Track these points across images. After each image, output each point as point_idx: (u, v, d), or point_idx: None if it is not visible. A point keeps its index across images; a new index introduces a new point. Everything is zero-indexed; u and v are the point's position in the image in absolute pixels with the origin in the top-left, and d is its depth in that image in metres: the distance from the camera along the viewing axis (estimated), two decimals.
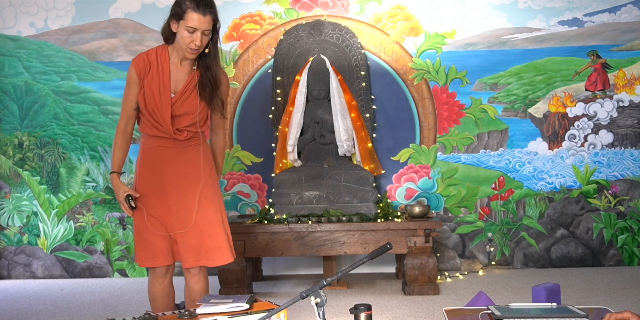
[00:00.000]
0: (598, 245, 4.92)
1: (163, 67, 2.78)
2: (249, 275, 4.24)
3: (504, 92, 4.99)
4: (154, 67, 2.77)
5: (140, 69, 2.78)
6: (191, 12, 2.66)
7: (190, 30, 2.67)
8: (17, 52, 5.09)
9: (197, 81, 2.79)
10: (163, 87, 2.77)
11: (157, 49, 2.82)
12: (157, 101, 2.77)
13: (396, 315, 3.51)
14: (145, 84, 2.77)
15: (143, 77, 2.78)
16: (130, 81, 2.81)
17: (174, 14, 2.73)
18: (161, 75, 2.77)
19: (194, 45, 2.69)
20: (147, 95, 2.77)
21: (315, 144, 4.66)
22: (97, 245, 5.02)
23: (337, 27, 4.82)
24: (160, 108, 2.77)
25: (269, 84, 4.90)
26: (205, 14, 2.66)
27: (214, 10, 2.70)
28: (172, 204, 2.83)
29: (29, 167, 5.07)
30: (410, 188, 4.96)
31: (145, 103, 2.78)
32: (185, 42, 2.70)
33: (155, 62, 2.77)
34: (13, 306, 4.05)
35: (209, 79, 2.79)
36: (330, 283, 2.07)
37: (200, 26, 2.66)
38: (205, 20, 2.66)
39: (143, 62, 2.78)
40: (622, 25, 5.00)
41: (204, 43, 2.71)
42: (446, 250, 4.95)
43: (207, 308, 2.51)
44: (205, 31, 2.68)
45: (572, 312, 2.15)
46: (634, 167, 4.94)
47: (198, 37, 2.68)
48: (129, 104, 2.83)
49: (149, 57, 2.79)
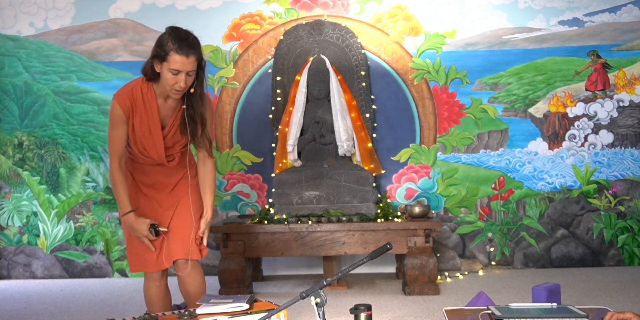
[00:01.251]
0: (598, 245, 4.92)
1: (151, 105, 2.73)
2: (249, 275, 4.23)
3: (504, 92, 4.99)
4: (140, 106, 2.72)
5: (126, 108, 2.72)
6: (174, 55, 2.58)
7: (174, 73, 2.60)
8: (17, 52, 5.09)
9: (180, 119, 2.76)
10: (154, 124, 2.74)
11: (141, 86, 2.74)
12: (147, 138, 2.75)
13: (396, 315, 3.51)
14: (135, 123, 2.73)
15: (129, 115, 2.73)
16: (116, 120, 2.74)
17: (155, 56, 2.64)
18: (150, 114, 2.73)
19: (179, 87, 2.63)
20: (138, 134, 2.75)
21: (315, 144, 4.66)
22: (97, 245, 5.02)
23: (337, 27, 4.82)
24: (152, 144, 2.77)
25: (269, 84, 4.90)
26: (188, 56, 2.59)
27: (197, 51, 2.63)
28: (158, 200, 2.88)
29: (28, 167, 5.07)
30: (410, 188, 4.96)
31: (136, 141, 2.77)
32: (169, 83, 2.63)
33: (141, 100, 2.72)
34: (13, 306, 4.05)
35: (193, 118, 2.74)
36: (330, 283, 2.07)
37: (184, 68, 2.59)
38: (188, 62, 2.59)
39: (129, 101, 2.72)
40: (622, 25, 4.99)
41: (189, 83, 2.65)
42: (446, 250, 4.95)
43: (207, 308, 2.51)
44: (190, 72, 2.62)
45: (572, 312, 2.15)
46: (634, 167, 4.94)
47: (182, 79, 2.61)
48: (118, 142, 2.77)
49: (134, 95, 2.72)
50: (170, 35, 2.63)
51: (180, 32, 2.66)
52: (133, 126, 2.74)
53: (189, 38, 2.64)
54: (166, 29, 2.69)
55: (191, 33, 2.70)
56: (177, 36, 2.62)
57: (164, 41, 2.62)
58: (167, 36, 2.63)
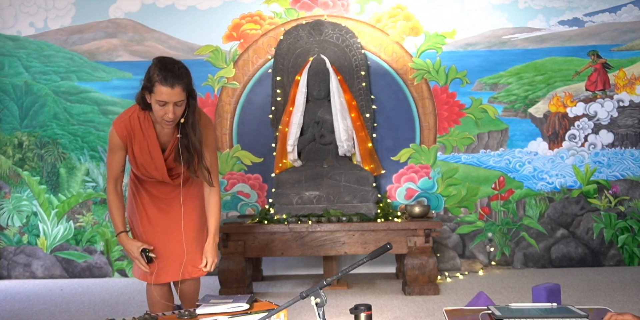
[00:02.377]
0: (598, 245, 4.92)
1: (149, 132, 2.73)
2: (249, 275, 4.23)
3: (504, 92, 4.99)
4: (138, 133, 2.72)
5: (123, 136, 2.73)
6: (159, 86, 2.55)
7: (160, 104, 2.58)
8: (17, 52, 5.09)
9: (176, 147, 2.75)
10: (154, 149, 2.75)
11: (138, 115, 2.73)
12: (149, 163, 2.76)
13: (396, 315, 3.51)
14: (135, 150, 2.75)
15: (127, 143, 2.75)
16: (114, 147, 2.76)
17: (144, 87, 2.63)
18: (150, 140, 2.74)
19: (168, 117, 2.60)
20: (139, 160, 2.77)
21: (315, 144, 4.66)
22: (97, 245, 5.02)
23: (337, 27, 4.82)
24: (154, 167, 2.78)
25: (269, 84, 4.90)
26: (173, 86, 2.54)
27: (183, 81, 2.58)
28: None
29: (28, 167, 5.07)
30: (410, 188, 4.96)
31: (138, 166, 2.79)
32: (158, 115, 2.61)
33: (139, 127, 2.72)
34: (13, 306, 4.05)
35: (187, 147, 2.72)
36: (330, 283, 2.07)
37: (170, 99, 2.56)
38: (174, 93, 2.55)
39: (126, 130, 2.72)
40: (622, 25, 4.99)
41: (178, 114, 2.62)
42: (446, 250, 4.94)
43: (207, 308, 2.51)
44: (178, 102, 2.59)
45: (572, 312, 2.15)
46: (634, 167, 4.94)
47: (170, 110, 2.58)
48: (115, 167, 2.80)
49: (132, 123, 2.73)
50: (156, 66, 2.60)
51: (165, 62, 2.62)
52: (133, 152, 2.76)
53: (175, 68, 2.59)
54: (153, 60, 2.65)
55: (178, 62, 2.65)
56: (162, 67, 2.58)
57: (151, 72, 2.59)
58: (154, 67, 2.60)
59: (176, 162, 2.77)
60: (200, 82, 5.01)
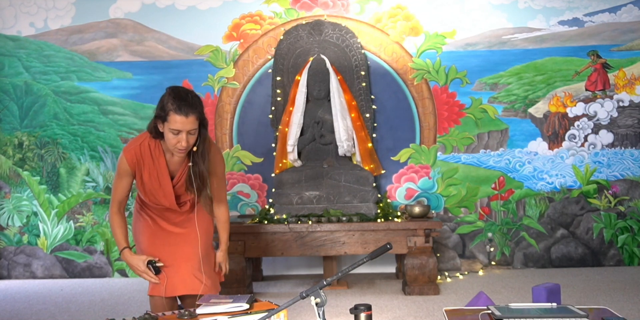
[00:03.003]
0: (598, 245, 4.92)
1: (159, 160, 2.76)
2: (249, 275, 4.23)
3: (504, 92, 4.99)
4: (148, 161, 2.75)
5: (132, 162, 2.76)
6: (173, 115, 2.58)
7: (174, 132, 2.61)
8: (17, 52, 5.09)
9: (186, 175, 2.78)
10: (163, 177, 2.77)
11: (149, 142, 2.75)
12: (157, 190, 2.79)
13: (396, 315, 3.51)
14: (144, 177, 2.77)
15: (135, 169, 2.77)
16: (122, 172, 2.78)
17: (157, 116, 2.65)
18: (159, 168, 2.76)
19: (181, 146, 2.63)
20: (148, 186, 2.79)
21: (315, 144, 4.66)
22: (97, 245, 5.02)
23: (337, 27, 4.82)
24: (162, 194, 2.80)
25: (269, 84, 4.90)
26: (188, 115, 2.58)
27: (197, 110, 2.62)
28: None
29: (28, 167, 5.07)
30: (410, 188, 4.96)
31: (146, 192, 2.82)
32: (171, 143, 2.64)
33: (149, 155, 2.75)
34: (13, 306, 4.05)
35: (197, 175, 2.75)
36: (330, 283, 2.07)
37: (184, 127, 2.59)
38: (188, 121, 2.59)
39: (135, 157, 2.75)
40: (622, 25, 5.00)
41: (191, 142, 2.66)
42: (446, 250, 4.95)
43: (207, 308, 2.51)
44: (191, 131, 2.62)
45: (572, 312, 2.15)
46: (634, 167, 4.94)
47: (184, 138, 2.61)
48: (120, 191, 2.82)
49: (142, 150, 2.75)
50: (170, 95, 2.63)
51: (180, 91, 2.66)
52: (142, 179, 2.78)
53: (189, 97, 2.63)
54: (166, 89, 2.69)
55: (191, 92, 2.69)
56: (176, 96, 2.61)
57: (164, 101, 2.62)
58: (167, 96, 2.63)
59: (186, 191, 2.81)
60: (200, 82, 5.01)
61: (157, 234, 2.89)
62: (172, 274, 2.78)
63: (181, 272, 2.79)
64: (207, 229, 2.96)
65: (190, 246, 2.85)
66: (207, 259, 2.92)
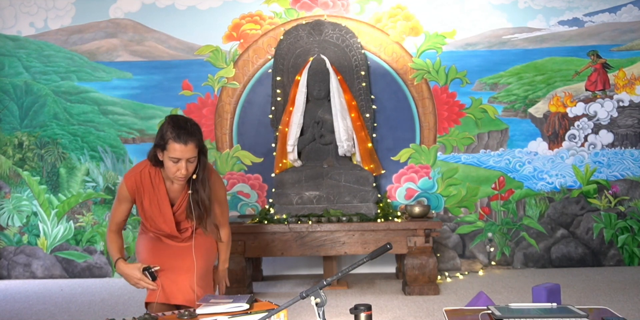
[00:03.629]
0: (598, 245, 4.92)
1: (159, 187, 2.79)
2: (249, 275, 4.23)
3: (504, 92, 4.99)
4: (148, 188, 2.78)
5: (132, 189, 2.79)
6: (172, 143, 2.61)
7: (174, 160, 2.64)
8: (17, 52, 5.09)
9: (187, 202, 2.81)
10: (163, 204, 2.80)
11: (149, 170, 2.79)
12: (158, 216, 2.82)
13: (396, 315, 3.51)
14: (145, 204, 2.80)
15: (135, 196, 2.81)
16: (121, 198, 2.82)
17: (157, 144, 2.69)
18: (159, 195, 2.79)
19: (181, 174, 2.67)
20: (148, 213, 2.82)
21: (315, 144, 4.66)
22: (97, 245, 5.02)
23: (337, 27, 4.82)
24: (162, 221, 2.82)
25: (269, 84, 4.90)
26: (187, 143, 2.62)
27: (196, 137, 2.66)
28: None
29: (28, 167, 5.07)
30: (410, 188, 4.96)
31: (147, 218, 2.85)
32: (171, 171, 2.68)
33: (149, 183, 2.78)
34: (13, 306, 4.05)
35: (198, 203, 2.78)
36: (330, 283, 2.07)
37: (184, 155, 2.63)
38: (187, 149, 2.62)
39: (135, 184, 2.78)
40: (622, 25, 5.00)
41: (191, 170, 2.70)
42: (446, 250, 4.95)
43: (207, 308, 2.51)
44: (190, 159, 2.66)
45: (572, 312, 2.15)
46: (634, 167, 4.94)
47: (183, 166, 2.65)
48: (119, 216, 2.85)
49: (142, 178, 2.78)
50: (169, 123, 2.66)
51: (178, 120, 2.69)
52: (143, 206, 2.81)
53: (187, 125, 2.66)
54: (165, 118, 2.72)
55: (190, 120, 2.72)
56: (175, 124, 2.65)
57: (164, 130, 2.66)
58: (166, 125, 2.67)
59: (186, 218, 2.84)
60: (200, 82, 5.02)
61: (158, 246, 2.89)
62: (169, 283, 2.75)
63: (179, 283, 2.76)
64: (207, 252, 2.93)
65: (190, 259, 2.83)
66: (206, 276, 2.91)
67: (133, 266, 2.70)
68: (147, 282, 2.69)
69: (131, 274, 2.69)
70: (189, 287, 2.76)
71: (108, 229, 2.88)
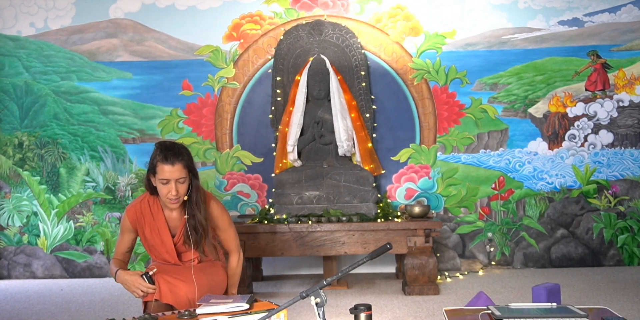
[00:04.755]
0: (598, 245, 4.92)
1: (158, 216, 2.86)
2: (249, 275, 4.23)
3: (504, 92, 4.99)
4: (148, 217, 2.85)
5: (133, 220, 2.87)
6: (160, 165, 2.71)
7: (163, 182, 2.72)
8: (17, 52, 5.10)
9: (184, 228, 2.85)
10: (164, 233, 2.86)
11: (148, 200, 2.87)
12: (160, 246, 2.87)
13: (396, 315, 3.51)
14: (146, 233, 2.86)
15: (136, 226, 2.88)
16: (124, 229, 2.90)
17: (148, 169, 2.78)
18: (159, 224, 2.86)
19: (172, 195, 2.73)
20: (150, 242, 2.88)
21: (315, 144, 4.66)
22: (97, 245, 5.02)
23: (337, 27, 4.82)
24: (165, 250, 2.88)
25: (269, 84, 4.90)
26: (174, 164, 2.70)
27: (183, 158, 2.73)
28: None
29: (29, 167, 5.07)
30: (410, 188, 4.96)
31: (150, 248, 2.91)
32: (163, 193, 2.75)
33: (149, 212, 2.85)
34: (13, 306, 4.05)
35: (194, 227, 2.83)
36: (330, 283, 2.07)
37: (172, 176, 2.70)
38: (175, 170, 2.70)
39: (135, 214, 2.86)
40: (622, 25, 5.00)
41: (182, 191, 2.75)
42: (446, 250, 4.95)
43: (207, 308, 2.51)
44: (180, 179, 2.73)
45: (572, 312, 2.15)
46: (634, 167, 4.94)
47: (173, 187, 2.72)
48: (123, 248, 2.93)
49: (142, 208, 2.86)
50: (158, 148, 2.77)
51: (166, 143, 2.80)
52: (145, 235, 2.87)
53: (175, 147, 2.76)
54: (155, 144, 2.81)
55: (178, 143, 2.82)
56: (162, 147, 2.75)
57: (153, 155, 2.76)
58: (155, 150, 2.77)
59: (186, 245, 2.87)
60: (200, 82, 5.02)
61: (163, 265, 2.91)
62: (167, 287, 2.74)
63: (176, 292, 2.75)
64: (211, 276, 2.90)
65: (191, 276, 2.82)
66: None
67: (133, 272, 2.73)
68: (145, 286, 2.69)
69: (130, 280, 2.70)
70: (186, 298, 2.74)
71: (113, 257, 2.95)
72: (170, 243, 2.86)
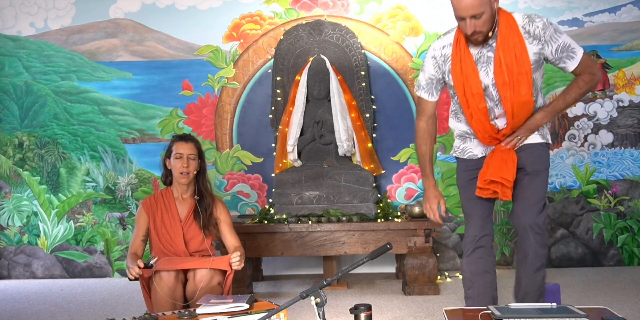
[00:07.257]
0: (598, 245, 4.92)
1: (170, 203, 3.25)
2: (249, 275, 4.24)
3: None
4: (161, 205, 3.24)
5: (148, 209, 3.25)
6: (176, 143, 3.25)
7: (177, 156, 3.20)
8: (17, 52, 5.10)
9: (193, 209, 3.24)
10: (172, 217, 3.22)
11: (162, 191, 3.32)
12: (169, 229, 3.19)
13: (396, 315, 3.52)
14: (157, 219, 3.21)
15: (150, 215, 3.23)
16: (139, 218, 3.26)
17: (166, 155, 3.28)
18: (169, 209, 3.24)
19: (183, 169, 3.19)
20: (159, 227, 3.19)
21: (315, 144, 4.66)
22: (97, 245, 5.02)
23: (337, 27, 4.83)
24: (172, 234, 3.18)
25: (269, 84, 4.90)
26: (187, 141, 3.25)
27: (195, 141, 3.28)
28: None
29: (29, 167, 5.07)
30: (410, 188, 4.96)
31: (158, 235, 3.19)
32: (177, 168, 3.21)
33: (162, 201, 3.26)
34: (13, 306, 4.05)
35: (205, 207, 3.25)
36: (330, 283, 2.07)
37: (185, 151, 3.21)
38: (188, 146, 3.23)
39: (150, 204, 3.26)
40: (622, 25, 5.00)
41: (192, 167, 3.22)
42: (446, 250, 4.95)
43: (207, 308, 2.51)
44: (191, 155, 3.22)
45: (572, 312, 2.16)
46: (633, 167, 4.95)
47: (185, 161, 3.20)
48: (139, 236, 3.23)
49: (156, 199, 3.27)
50: (174, 136, 3.33)
51: (180, 133, 3.45)
52: (155, 222, 3.21)
53: (189, 134, 3.35)
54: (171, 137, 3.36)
55: (191, 134, 3.59)
56: (177, 135, 3.32)
57: (170, 142, 3.30)
58: (172, 137, 3.32)
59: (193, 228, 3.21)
60: (200, 82, 5.02)
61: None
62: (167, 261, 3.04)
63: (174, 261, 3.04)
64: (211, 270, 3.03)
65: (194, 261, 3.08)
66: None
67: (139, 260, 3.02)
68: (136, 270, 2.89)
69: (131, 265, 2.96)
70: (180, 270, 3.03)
71: (128, 252, 3.21)
72: (177, 225, 3.19)
